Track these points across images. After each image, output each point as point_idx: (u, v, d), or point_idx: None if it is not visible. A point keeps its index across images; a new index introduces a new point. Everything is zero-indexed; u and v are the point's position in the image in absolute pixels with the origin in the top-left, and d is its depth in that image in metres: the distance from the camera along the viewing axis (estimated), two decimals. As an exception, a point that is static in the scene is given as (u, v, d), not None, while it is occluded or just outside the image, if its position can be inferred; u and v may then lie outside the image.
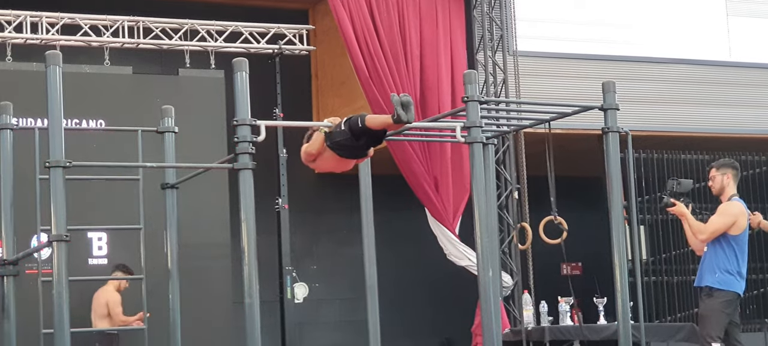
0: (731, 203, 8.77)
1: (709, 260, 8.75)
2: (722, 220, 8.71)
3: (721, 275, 8.60)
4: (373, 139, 7.20)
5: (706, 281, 8.69)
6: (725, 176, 8.88)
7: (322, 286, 14.04)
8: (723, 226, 8.70)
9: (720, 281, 8.60)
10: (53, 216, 7.39)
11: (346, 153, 7.29)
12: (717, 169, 8.98)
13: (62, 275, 7.39)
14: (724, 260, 8.64)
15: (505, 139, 12.95)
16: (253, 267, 7.44)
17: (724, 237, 8.66)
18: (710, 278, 8.66)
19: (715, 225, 8.77)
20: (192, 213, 10.96)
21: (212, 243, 12.01)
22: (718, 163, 9.03)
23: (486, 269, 7.98)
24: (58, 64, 7.59)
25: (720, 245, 8.68)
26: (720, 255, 8.66)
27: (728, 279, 8.59)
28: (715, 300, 8.59)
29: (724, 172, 8.91)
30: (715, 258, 8.69)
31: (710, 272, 8.67)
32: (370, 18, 12.42)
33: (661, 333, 12.28)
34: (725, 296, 8.58)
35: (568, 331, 11.87)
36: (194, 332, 11.43)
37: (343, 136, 7.16)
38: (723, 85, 14.36)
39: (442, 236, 12.60)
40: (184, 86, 12.30)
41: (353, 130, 7.11)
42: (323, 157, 7.35)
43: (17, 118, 9.72)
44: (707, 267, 8.74)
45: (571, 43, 13.69)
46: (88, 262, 11.60)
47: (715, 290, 8.58)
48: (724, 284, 8.59)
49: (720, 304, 8.58)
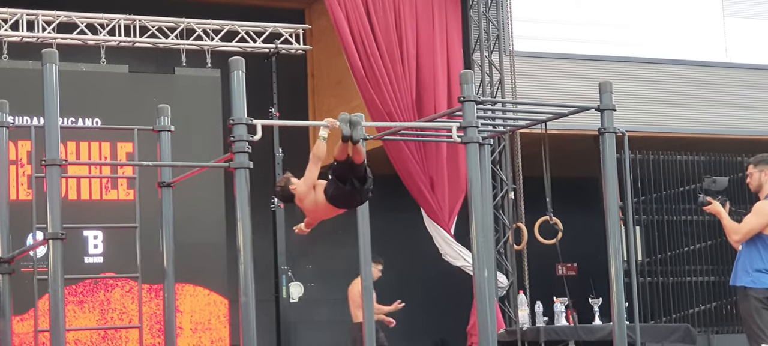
0: (767, 202, 8.62)
1: (743, 260, 8.63)
2: (756, 220, 8.55)
3: (755, 275, 8.51)
4: (355, 175, 7.17)
5: (740, 280, 8.59)
6: (763, 172, 8.68)
7: (317, 285, 14.03)
8: (757, 226, 8.52)
9: (754, 280, 8.50)
10: (49, 214, 7.39)
11: (342, 203, 7.30)
12: (754, 166, 8.75)
13: (58, 274, 7.39)
14: (758, 259, 8.52)
15: (501, 140, 12.96)
16: (248, 266, 7.44)
17: (759, 237, 8.51)
18: (745, 278, 8.55)
19: (749, 225, 8.58)
20: (188, 212, 10.96)
21: (208, 242, 12.01)
22: (755, 160, 8.77)
23: (481, 269, 7.98)
24: (55, 63, 7.59)
25: (755, 245, 8.54)
26: (754, 255, 8.54)
27: (762, 278, 8.48)
28: (750, 300, 8.49)
29: (761, 168, 8.70)
30: (749, 258, 8.56)
31: (744, 271, 8.57)
32: (367, 17, 12.42)
33: (657, 334, 12.27)
34: (761, 293, 8.46)
35: (564, 331, 11.86)
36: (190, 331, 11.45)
37: (334, 186, 7.17)
38: (719, 86, 14.37)
39: (438, 236, 12.59)
40: (181, 85, 12.31)
41: (336, 173, 7.12)
42: (318, 208, 7.32)
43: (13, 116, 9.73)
44: (741, 267, 8.63)
45: (567, 43, 13.69)
46: (84, 260, 11.59)
47: (750, 289, 8.50)
48: (758, 282, 8.47)
49: (756, 301, 8.47)
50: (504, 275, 12.81)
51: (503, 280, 12.73)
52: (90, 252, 11.67)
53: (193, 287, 11.88)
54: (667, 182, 14.37)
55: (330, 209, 7.32)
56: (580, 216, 13.37)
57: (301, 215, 13.05)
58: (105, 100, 11.85)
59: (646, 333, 11.85)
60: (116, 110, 11.67)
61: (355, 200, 7.36)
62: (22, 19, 12.09)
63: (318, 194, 7.27)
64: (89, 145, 11.69)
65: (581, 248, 13.97)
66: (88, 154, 11.60)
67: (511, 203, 12.96)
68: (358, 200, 7.38)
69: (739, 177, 9.28)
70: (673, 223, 14.42)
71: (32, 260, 9.85)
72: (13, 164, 10.95)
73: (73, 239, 10.39)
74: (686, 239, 14.43)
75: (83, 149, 11.63)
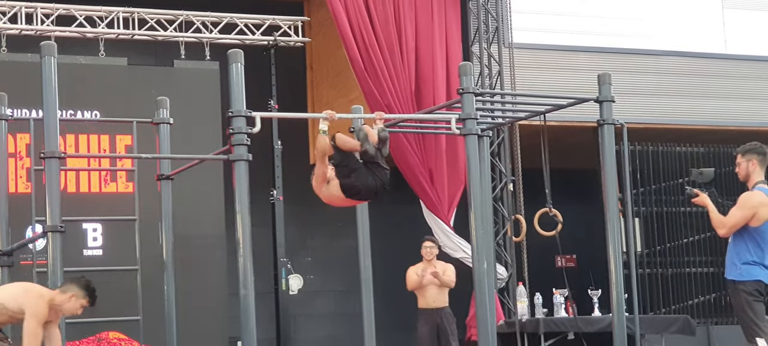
0: (753, 193, 8.55)
1: (731, 253, 8.60)
2: (741, 213, 8.51)
3: (743, 268, 8.48)
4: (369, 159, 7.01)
5: (729, 274, 8.58)
6: (750, 162, 8.63)
7: (316, 278, 14.03)
8: (742, 219, 8.47)
9: (742, 273, 8.47)
10: (48, 207, 7.40)
11: (355, 193, 7.03)
12: (742, 156, 8.68)
13: (57, 266, 7.40)
14: (746, 252, 8.48)
15: (500, 132, 12.95)
16: (248, 259, 7.45)
17: (746, 229, 8.48)
18: (733, 271, 8.52)
19: (734, 218, 8.53)
20: (187, 204, 10.97)
21: (207, 234, 12.01)
22: (743, 149, 8.71)
23: (481, 260, 8.00)
24: (53, 55, 7.60)
25: (741, 238, 8.50)
26: (741, 247, 8.50)
27: (751, 270, 8.45)
28: (740, 294, 8.47)
29: (749, 158, 8.65)
30: (737, 251, 8.53)
31: (732, 265, 8.53)
32: (365, 9, 12.41)
33: (656, 325, 12.29)
34: (750, 286, 8.45)
35: (563, 323, 11.87)
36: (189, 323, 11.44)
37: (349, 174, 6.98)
38: (718, 77, 14.36)
39: (437, 228, 12.59)
40: (179, 78, 12.30)
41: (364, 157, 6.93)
42: (332, 199, 7.11)
43: (12, 109, 9.73)
44: (730, 260, 8.61)
45: (566, 35, 13.68)
46: (83, 253, 11.60)
47: (739, 283, 8.49)
48: (746, 275, 8.45)
49: (746, 294, 8.46)
50: (503, 267, 12.82)
51: (502, 272, 12.74)
52: (89, 245, 11.68)
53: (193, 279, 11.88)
54: (666, 174, 14.36)
55: (346, 200, 7.14)
56: (580, 208, 13.37)
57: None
58: (104, 92, 11.84)
59: (645, 325, 11.86)
60: (115, 103, 11.67)
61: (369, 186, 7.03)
62: (21, 12, 12.08)
63: (332, 188, 7.10)
64: (88, 137, 11.69)
65: (580, 239, 13.97)
66: (87, 147, 11.60)
67: (510, 195, 12.96)
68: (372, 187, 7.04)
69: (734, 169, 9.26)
70: (672, 214, 14.41)
71: (31, 253, 9.85)
72: (12, 157, 10.96)
73: (72, 231, 10.39)
74: (685, 230, 14.42)
75: (82, 142, 11.62)
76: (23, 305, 7.10)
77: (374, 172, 6.92)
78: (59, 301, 7.26)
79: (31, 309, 7.07)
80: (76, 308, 7.36)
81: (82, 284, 7.37)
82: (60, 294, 7.28)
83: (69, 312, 7.38)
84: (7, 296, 7.23)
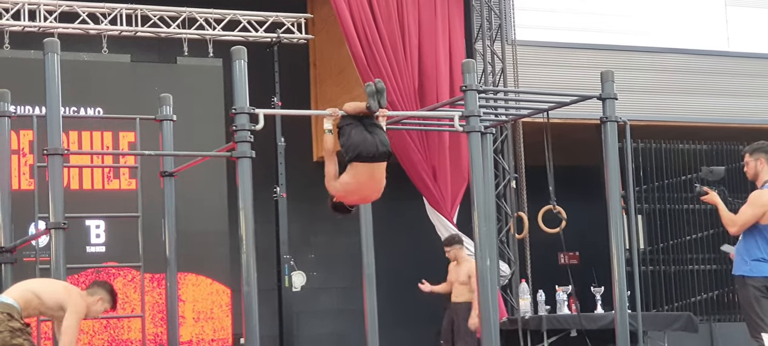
0: (763, 191, 8.54)
1: (742, 250, 8.60)
2: (751, 211, 8.50)
3: (753, 264, 8.48)
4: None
5: (738, 270, 8.58)
6: (759, 160, 8.62)
7: (319, 274, 14.03)
8: (752, 217, 8.46)
9: (752, 269, 8.47)
10: (51, 204, 7.40)
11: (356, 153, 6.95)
12: (750, 155, 8.66)
13: (60, 263, 7.41)
14: (756, 249, 8.48)
15: (504, 129, 12.95)
16: (251, 255, 7.45)
17: (757, 227, 8.48)
18: (743, 266, 8.53)
19: (745, 216, 8.52)
20: (190, 201, 10.97)
21: (210, 231, 12.02)
22: (751, 148, 8.69)
23: (484, 257, 8.00)
24: (56, 52, 7.60)
25: (752, 235, 8.50)
26: (751, 244, 8.50)
27: (761, 266, 8.46)
28: (749, 289, 8.47)
29: (757, 157, 8.63)
30: (747, 247, 8.53)
31: (742, 261, 8.54)
32: (369, 7, 12.40)
33: (659, 322, 12.29)
34: (759, 282, 8.45)
35: (566, 320, 11.88)
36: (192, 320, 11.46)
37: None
38: (721, 74, 14.35)
39: (440, 225, 12.59)
40: (183, 74, 12.31)
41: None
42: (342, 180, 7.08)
43: (15, 106, 9.73)
44: (739, 256, 8.62)
45: (569, 32, 13.68)
46: (86, 250, 11.61)
47: (748, 278, 8.49)
48: (756, 271, 8.45)
49: (755, 290, 8.45)
50: (506, 264, 12.82)
51: (505, 269, 12.74)
52: (92, 242, 11.69)
53: (196, 276, 11.90)
54: (668, 171, 14.37)
55: (360, 184, 7.06)
56: (582, 205, 13.36)
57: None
58: (107, 89, 11.86)
59: (648, 322, 11.86)
60: (118, 100, 11.68)
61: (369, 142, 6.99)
62: (24, 8, 12.09)
63: (341, 177, 7.03)
64: (91, 134, 11.71)
65: (583, 236, 13.97)
66: (90, 144, 11.61)
67: (513, 192, 12.96)
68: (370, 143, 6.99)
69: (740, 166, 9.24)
70: (675, 211, 14.42)
71: (34, 250, 9.85)
72: (15, 154, 10.97)
73: (75, 228, 10.39)
74: (688, 227, 14.43)
75: (85, 139, 11.64)
76: (64, 303, 7.13)
77: (370, 129, 6.97)
78: (89, 302, 7.30)
79: (73, 307, 7.12)
80: (101, 310, 7.43)
81: (107, 288, 7.46)
82: (89, 296, 7.32)
83: (94, 315, 7.44)
84: (45, 289, 7.24)
